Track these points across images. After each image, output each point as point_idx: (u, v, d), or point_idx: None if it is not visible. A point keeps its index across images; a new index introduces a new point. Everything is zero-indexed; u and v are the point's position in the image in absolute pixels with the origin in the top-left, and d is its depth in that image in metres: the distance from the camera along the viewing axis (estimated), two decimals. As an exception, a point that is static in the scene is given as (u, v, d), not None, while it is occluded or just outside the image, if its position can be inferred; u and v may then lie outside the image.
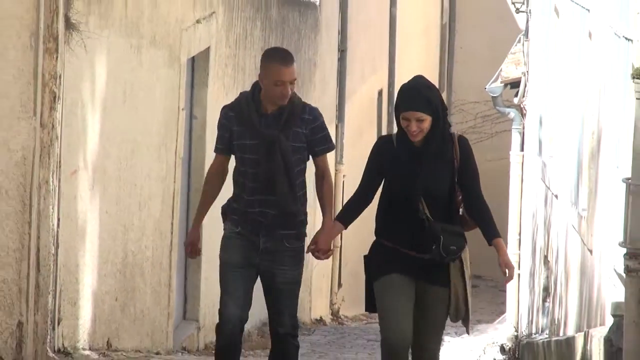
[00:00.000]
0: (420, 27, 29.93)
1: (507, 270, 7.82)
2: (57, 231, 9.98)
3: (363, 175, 8.05)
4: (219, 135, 8.47)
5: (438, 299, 7.70)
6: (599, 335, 12.60)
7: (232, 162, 8.89)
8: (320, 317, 21.42)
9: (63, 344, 10.54)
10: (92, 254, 11.38)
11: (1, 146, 7.59)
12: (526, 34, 23.00)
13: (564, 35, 17.55)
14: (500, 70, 24.26)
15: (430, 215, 7.61)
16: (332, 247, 8.40)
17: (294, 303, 8.77)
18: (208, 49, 15.10)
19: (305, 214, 8.64)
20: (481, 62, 28.56)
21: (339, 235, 8.58)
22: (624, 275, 10.98)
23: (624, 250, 10.85)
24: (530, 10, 22.89)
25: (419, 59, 30.05)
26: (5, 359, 7.80)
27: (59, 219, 10.02)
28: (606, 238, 12.74)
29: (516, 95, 22.60)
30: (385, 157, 7.92)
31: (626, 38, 12.00)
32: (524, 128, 22.30)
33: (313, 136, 8.37)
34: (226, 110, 8.48)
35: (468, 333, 8.74)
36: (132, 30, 12.06)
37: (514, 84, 22.82)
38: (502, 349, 19.77)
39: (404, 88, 7.91)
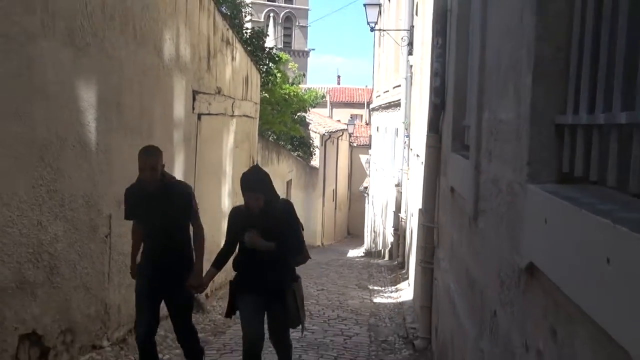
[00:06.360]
0: (343, 174, 25.78)
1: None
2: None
3: (226, 235, 3.57)
4: (126, 206, 3.65)
5: (278, 309, 3.47)
6: (386, 249, 12.26)
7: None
8: (320, 245, 19.12)
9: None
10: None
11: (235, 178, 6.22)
12: (370, 175, 22.46)
13: (378, 174, 15.78)
14: (363, 183, 23.05)
15: (271, 258, 3.41)
16: (206, 285, 3.58)
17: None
18: (291, 180, 14.59)
19: (191, 253, 3.68)
20: (360, 181, 25.36)
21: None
22: (392, 235, 10.71)
23: (392, 229, 10.51)
24: (370, 168, 21.78)
25: (342, 182, 25.70)
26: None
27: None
28: (388, 225, 11.86)
29: (366, 190, 21.09)
30: (237, 221, 3.47)
31: (393, 177, 11.08)
32: (368, 199, 19.85)
33: (185, 204, 3.59)
34: (127, 190, 3.65)
35: (302, 334, 3.86)
36: (271, 173, 12.46)
37: (365, 188, 21.47)
38: (364, 253, 16.32)
39: (247, 177, 3.36)
